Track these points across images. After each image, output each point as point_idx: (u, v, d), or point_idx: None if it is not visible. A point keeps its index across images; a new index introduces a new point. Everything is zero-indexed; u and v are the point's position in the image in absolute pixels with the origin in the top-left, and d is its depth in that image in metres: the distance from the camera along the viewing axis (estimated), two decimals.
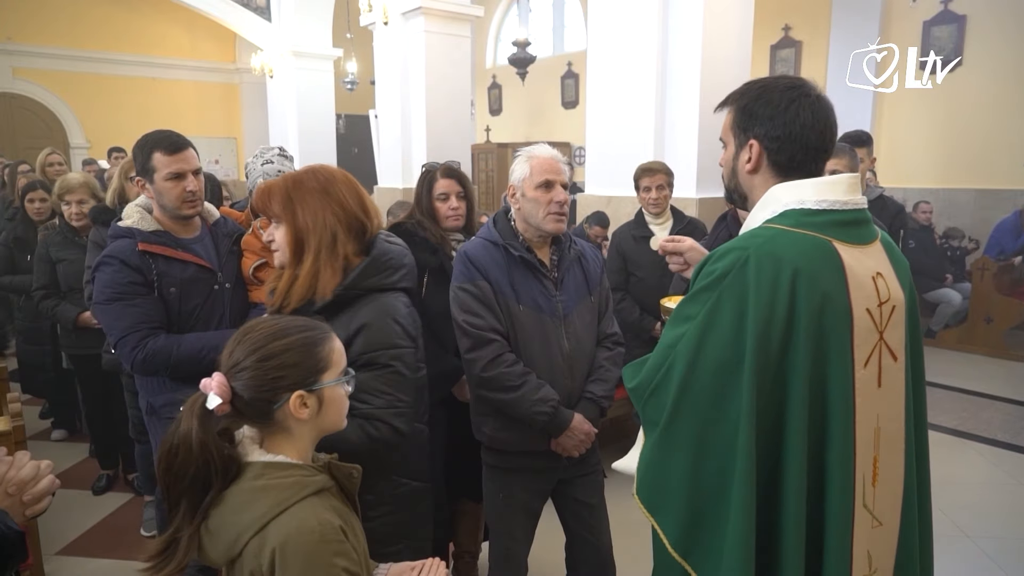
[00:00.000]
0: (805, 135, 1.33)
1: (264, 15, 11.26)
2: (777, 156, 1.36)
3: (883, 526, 1.37)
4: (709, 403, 1.30)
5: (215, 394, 1.20)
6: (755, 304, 1.25)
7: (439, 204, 2.59)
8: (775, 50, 9.64)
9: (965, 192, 8.09)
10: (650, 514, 1.39)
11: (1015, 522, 3.55)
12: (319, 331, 1.31)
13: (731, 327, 1.27)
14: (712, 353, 1.29)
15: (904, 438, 1.37)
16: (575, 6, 12.61)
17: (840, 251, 1.29)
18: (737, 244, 1.32)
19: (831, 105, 1.37)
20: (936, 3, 8.04)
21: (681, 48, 4.83)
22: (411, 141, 8.46)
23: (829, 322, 1.27)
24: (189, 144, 2.26)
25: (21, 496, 1.13)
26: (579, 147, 12.12)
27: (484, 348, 2.10)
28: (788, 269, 1.24)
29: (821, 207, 1.31)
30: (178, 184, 2.22)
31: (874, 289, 1.31)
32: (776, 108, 1.34)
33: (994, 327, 6.63)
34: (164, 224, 2.30)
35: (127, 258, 2.19)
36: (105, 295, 2.18)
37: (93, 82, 12.54)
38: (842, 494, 1.29)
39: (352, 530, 1.27)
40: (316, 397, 1.27)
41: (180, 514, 1.20)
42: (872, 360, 1.32)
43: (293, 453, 1.28)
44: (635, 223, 3.82)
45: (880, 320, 1.32)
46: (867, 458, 1.33)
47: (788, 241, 1.28)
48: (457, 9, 8.18)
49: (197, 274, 2.30)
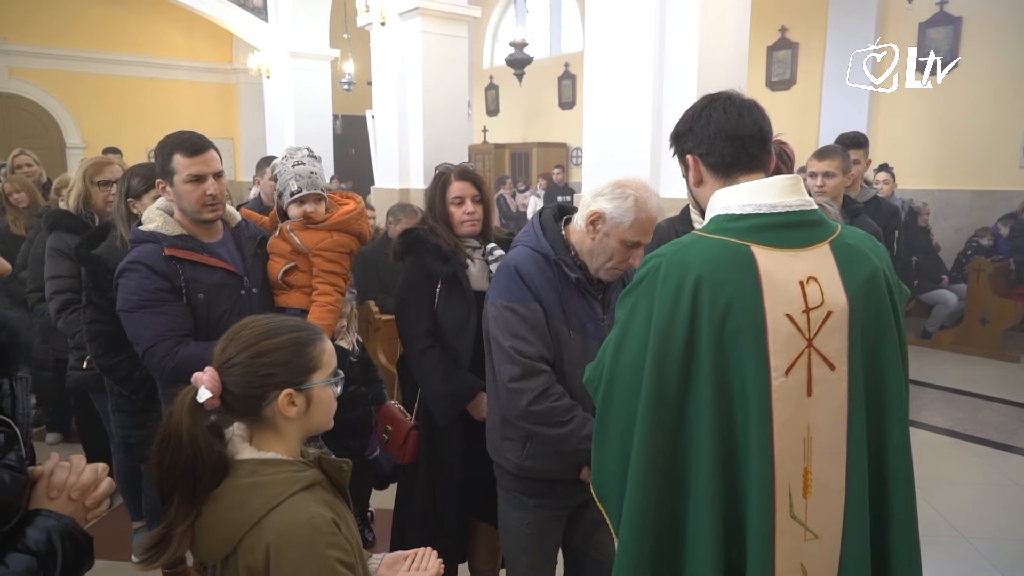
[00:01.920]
0: (722, 129, 1.38)
1: (261, 15, 11.25)
2: (708, 159, 1.41)
3: (819, 539, 1.32)
4: (627, 403, 1.34)
5: (205, 388, 1.22)
6: (658, 309, 1.29)
7: (453, 208, 2.41)
8: (772, 51, 9.66)
9: (961, 193, 8.12)
10: (600, 503, 1.46)
11: (1011, 523, 3.56)
12: (311, 332, 1.34)
13: (641, 330, 1.32)
14: (627, 355, 1.35)
15: (847, 450, 1.31)
16: (572, 7, 12.62)
17: (757, 255, 1.28)
18: (658, 251, 1.37)
19: (750, 102, 1.41)
20: (932, 5, 8.06)
21: (678, 49, 4.83)
22: (408, 142, 8.46)
23: (735, 328, 1.25)
24: (211, 146, 2.18)
25: (84, 501, 1.14)
26: (576, 148, 12.14)
27: (533, 379, 1.91)
28: (692, 275, 1.27)
29: (745, 211, 1.32)
30: (198, 187, 2.13)
31: (799, 294, 1.27)
32: (693, 120, 1.43)
33: (990, 328, 6.64)
34: (186, 228, 2.21)
35: (153, 264, 2.10)
36: (131, 302, 2.08)
37: (90, 82, 12.52)
38: (761, 501, 1.27)
39: (344, 522, 1.29)
40: (304, 396, 1.29)
41: (173, 507, 1.22)
42: (798, 367, 1.27)
43: (281, 450, 1.30)
44: (680, 218, 3.76)
45: (807, 327, 1.28)
46: (795, 468, 1.29)
47: (700, 248, 1.31)
48: (454, 10, 8.18)
49: (224, 279, 2.21)
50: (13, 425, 1.09)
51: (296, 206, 2.40)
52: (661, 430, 1.29)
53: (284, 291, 2.40)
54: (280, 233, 2.44)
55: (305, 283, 2.40)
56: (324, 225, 2.41)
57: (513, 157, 13.25)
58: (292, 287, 2.40)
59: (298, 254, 2.39)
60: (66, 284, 2.97)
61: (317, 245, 2.38)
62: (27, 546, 1.03)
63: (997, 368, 6.29)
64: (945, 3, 8.03)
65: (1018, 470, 4.19)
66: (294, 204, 2.40)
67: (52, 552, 1.05)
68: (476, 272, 2.39)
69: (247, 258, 2.32)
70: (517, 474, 2.09)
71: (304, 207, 2.39)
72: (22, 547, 1.03)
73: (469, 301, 2.34)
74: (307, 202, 2.40)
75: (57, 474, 1.13)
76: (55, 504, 1.11)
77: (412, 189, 8.44)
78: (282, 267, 2.39)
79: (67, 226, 2.99)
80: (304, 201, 2.39)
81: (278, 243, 2.42)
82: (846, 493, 1.32)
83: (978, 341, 6.61)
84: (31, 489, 1.11)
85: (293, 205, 2.41)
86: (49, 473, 1.13)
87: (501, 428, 2.09)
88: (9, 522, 1.04)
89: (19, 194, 4.26)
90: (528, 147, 13.04)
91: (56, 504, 1.11)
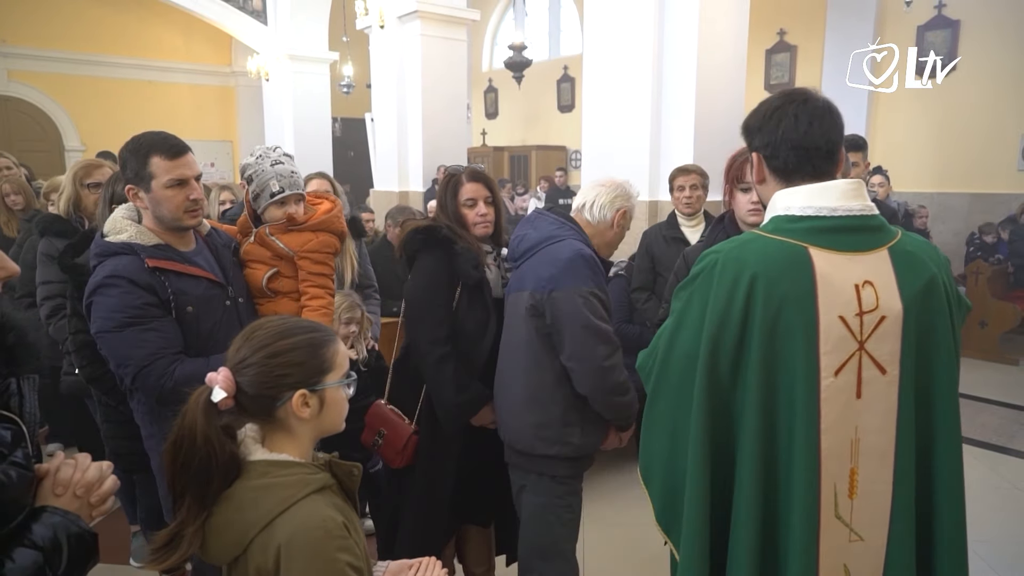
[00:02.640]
0: (789, 137, 1.37)
1: (260, 18, 11.27)
2: (773, 162, 1.41)
3: (864, 542, 1.33)
4: (678, 389, 1.41)
5: (220, 388, 1.22)
6: (714, 301, 1.34)
7: (466, 211, 2.34)
8: (770, 54, 9.68)
9: (960, 196, 8.13)
10: (645, 485, 1.51)
11: (1011, 526, 3.55)
12: (324, 333, 1.35)
13: (696, 321, 1.38)
14: (681, 344, 1.41)
15: (896, 453, 1.33)
16: (571, 10, 12.64)
17: (814, 256, 1.30)
18: (716, 248, 1.42)
19: (823, 108, 1.38)
20: (930, 8, 8.08)
21: (677, 52, 4.84)
22: (407, 144, 8.47)
23: (787, 325, 1.29)
24: (189, 147, 2.05)
25: (89, 498, 1.15)
26: (575, 150, 12.15)
27: (617, 355, 2.12)
28: (748, 272, 1.31)
29: (805, 213, 1.34)
30: (180, 191, 1.98)
31: (854, 297, 1.29)
32: (763, 119, 1.42)
33: (989, 331, 6.65)
34: (161, 237, 2.04)
35: (136, 277, 1.92)
36: (115, 321, 1.91)
37: (89, 85, 12.54)
38: (804, 499, 1.28)
39: (354, 526, 1.29)
40: (318, 397, 1.29)
41: (185, 507, 1.22)
42: (848, 369, 1.30)
43: (294, 452, 1.30)
44: (667, 224, 3.78)
45: (860, 330, 1.30)
46: (841, 468, 1.30)
47: (757, 246, 1.34)
48: (453, 13, 8.20)
49: (209, 290, 2.07)
50: (20, 423, 1.10)
51: (276, 208, 2.27)
52: (713, 416, 1.35)
53: (270, 299, 2.29)
54: (258, 238, 2.29)
55: (291, 288, 2.30)
56: (307, 226, 2.31)
57: (512, 160, 13.26)
58: (278, 294, 2.29)
59: (280, 259, 2.28)
60: (56, 289, 2.91)
61: (303, 247, 2.28)
62: (33, 542, 1.04)
63: (996, 371, 6.29)
64: (943, 6, 8.05)
65: (1017, 473, 4.19)
66: (274, 206, 2.27)
67: (58, 548, 1.06)
68: (492, 278, 2.35)
69: (227, 267, 2.19)
70: (576, 456, 2.19)
71: (287, 208, 2.27)
72: (28, 543, 1.03)
73: (489, 309, 2.31)
74: (288, 203, 2.27)
75: (63, 471, 1.14)
76: (60, 501, 1.11)
77: (411, 192, 8.44)
78: (265, 273, 2.26)
79: (57, 230, 2.93)
80: (285, 202, 2.27)
81: (256, 249, 2.29)
82: (893, 496, 1.34)
83: (977, 344, 6.61)
84: (37, 486, 1.12)
85: (273, 207, 2.27)
86: (55, 470, 1.14)
87: (563, 416, 2.15)
88: (15, 518, 1.05)
89: (16, 196, 4.17)
90: (527, 150, 13.06)
91: (61, 501, 1.11)
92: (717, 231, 2.33)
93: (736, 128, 5.10)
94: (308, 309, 2.26)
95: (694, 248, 2.53)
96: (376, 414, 2.44)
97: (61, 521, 1.08)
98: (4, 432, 1.05)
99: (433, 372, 2.29)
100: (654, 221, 4.77)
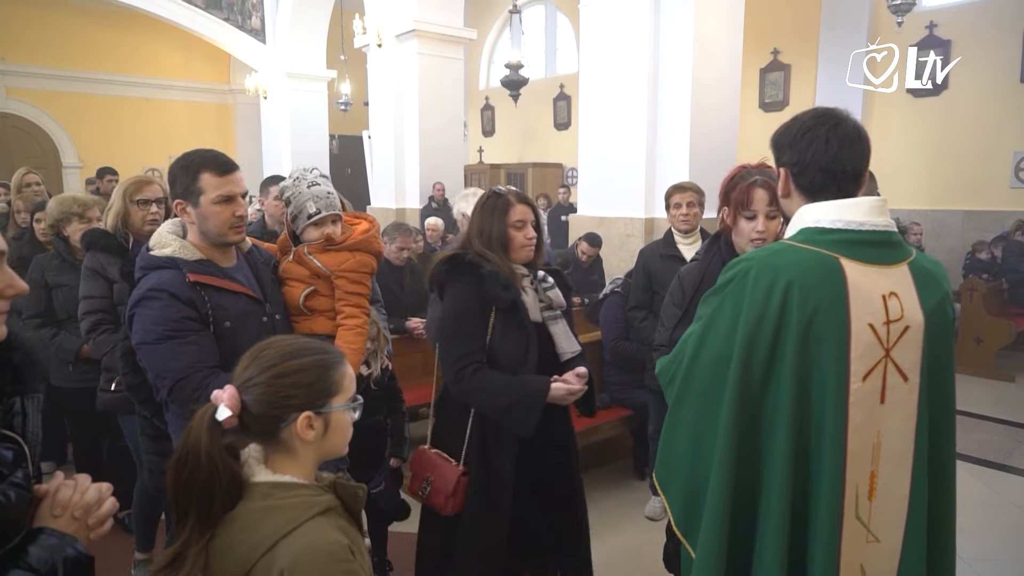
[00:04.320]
0: (818, 160, 1.42)
1: (259, 37, 11.34)
2: (800, 180, 1.47)
3: (881, 543, 1.38)
4: (705, 393, 1.44)
5: (225, 406, 1.21)
6: (749, 306, 1.38)
7: (514, 232, 2.23)
8: (764, 73, 9.77)
9: (954, 213, 8.19)
10: (662, 491, 1.54)
11: (1008, 543, 3.54)
12: (333, 355, 1.34)
13: (728, 326, 1.41)
14: (711, 348, 1.44)
15: (914, 459, 1.39)
16: (567, 29, 12.76)
17: (846, 267, 1.35)
18: (748, 256, 1.46)
19: (853, 133, 1.43)
20: (921, 28, 8.18)
21: (672, 71, 4.89)
22: (404, 162, 8.50)
23: (820, 330, 1.34)
24: (237, 166, 2.09)
25: (87, 520, 1.14)
26: (571, 168, 12.21)
27: None
28: (783, 278, 1.35)
29: (835, 226, 1.39)
30: (227, 208, 2.02)
31: (882, 307, 1.35)
32: (794, 137, 1.47)
33: (984, 347, 6.66)
34: (204, 252, 2.07)
35: (177, 291, 1.96)
36: (155, 333, 1.94)
37: (87, 102, 12.59)
38: (830, 499, 1.33)
39: (358, 549, 1.28)
40: (323, 420, 1.28)
41: (188, 527, 1.21)
42: (874, 375, 1.35)
43: (297, 473, 1.29)
44: (663, 242, 3.79)
45: (887, 338, 1.36)
46: (862, 470, 1.35)
47: (792, 255, 1.39)
48: (450, 32, 8.27)
49: (247, 306, 2.10)
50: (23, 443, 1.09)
51: (314, 228, 2.30)
52: (744, 418, 1.38)
53: (306, 317, 2.29)
54: (296, 257, 2.33)
55: (328, 307, 2.31)
56: (345, 245, 2.33)
57: (509, 177, 13.30)
58: (314, 312, 2.30)
59: (318, 278, 2.30)
60: (98, 304, 2.91)
61: (340, 267, 2.30)
62: (29, 564, 1.03)
63: (992, 388, 6.30)
64: (935, 27, 8.15)
65: (1014, 490, 4.19)
66: (311, 227, 2.30)
67: (53, 571, 1.05)
68: (530, 302, 2.25)
69: (265, 284, 2.21)
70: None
71: (324, 229, 2.30)
72: (24, 565, 1.03)
73: (528, 333, 2.19)
74: (326, 223, 2.31)
75: (61, 492, 1.13)
76: (58, 523, 1.10)
77: (408, 208, 8.47)
78: (303, 292, 2.28)
79: (103, 246, 2.89)
80: (322, 223, 2.30)
81: (294, 268, 2.32)
82: (910, 499, 1.40)
83: (973, 361, 6.62)
84: (36, 507, 1.11)
85: (311, 227, 2.30)
86: (54, 491, 1.13)
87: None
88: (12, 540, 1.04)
89: (27, 214, 4.10)
90: (524, 167, 13.11)
91: (59, 523, 1.10)
92: (712, 251, 2.33)
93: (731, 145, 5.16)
94: (344, 328, 2.27)
95: (688, 268, 2.53)
96: (420, 459, 2.32)
97: (58, 544, 1.07)
98: (6, 452, 1.05)
99: (470, 387, 2.13)
100: (650, 239, 4.80)
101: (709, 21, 4.81)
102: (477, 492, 2.19)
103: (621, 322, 4.00)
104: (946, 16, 8.16)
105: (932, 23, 8.18)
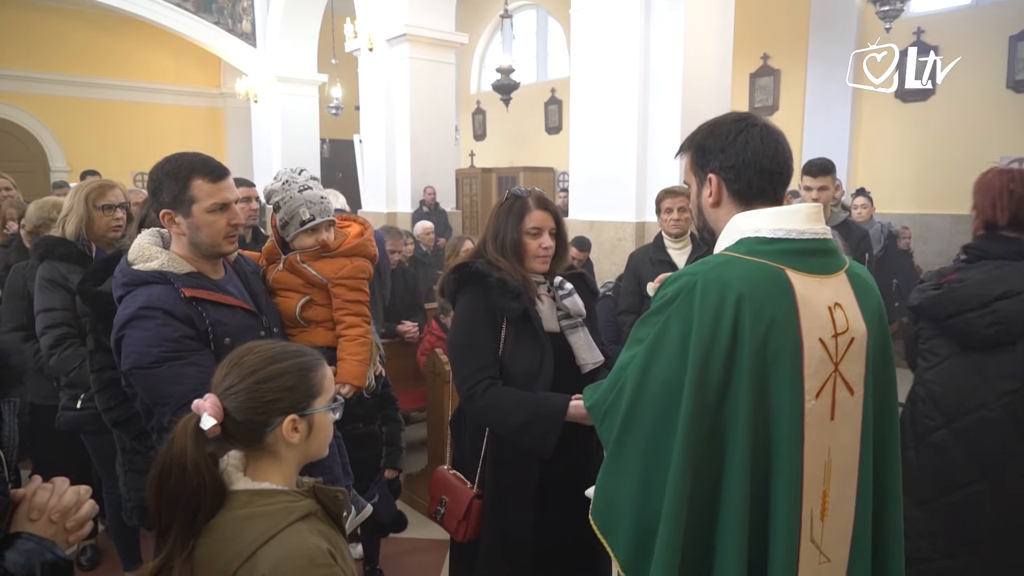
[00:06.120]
0: (757, 160, 1.35)
1: (249, 41, 11.32)
2: (735, 185, 1.38)
3: (831, 562, 1.33)
4: (654, 425, 1.30)
5: (208, 415, 1.20)
6: (698, 327, 1.26)
7: (528, 240, 2.08)
8: (754, 78, 9.82)
9: (942, 217, 8.24)
10: (603, 536, 1.39)
11: None
12: (312, 357, 1.34)
13: (676, 350, 1.28)
14: (658, 375, 1.30)
15: (859, 473, 1.34)
16: (558, 33, 12.79)
17: (793, 279, 1.28)
18: (688, 270, 1.35)
19: (780, 132, 1.40)
20: (909, 34, 8.24)
21: (662, 75, 4.91)
22: (395, 166, 8.50)
23: (775, 349, 1.26)
24: (228, 170, 1.93)
25: (64, 523, 1.13)
26: (563, 172, 12.22)
27: None
28: (733, 294, 1.26)
29: (776, 235, 1.31)
30: (222, 216, 1.85)
31: (829, 319, 1.29)
32: (726, 140, 1.38)
33: None
34: (193, 264, 1.89)
35: (172, 308, 1.78)
36: (152, 356, 1.74)
37: (75, 106, 12.51)
38: (788, 527, 1.27)
39: (340, 553, 1.27)
40: (307, 422, 1.29)
41: (171, 540, 1.20)
42: (825, 391, 1.29)
43: (278, 478, 1.29)
44: (654, 246, 3.78)
45: (835, 351, 1.30)
46: (816, 492, 1.30)
47: (738, 268, 1.29)
48: (442, 36, 8.28)
49: (245, 320, 1.94)
50: None
51: (307, 235, 2.18)
52: (698, 448, 1.27)
53: (303, 329, 2.17)
54: (288, 265, 2.18)
55: (325, 317, 2.19)
56: (340, 252, 2.21)
57: (500, 181, 13.30)
58: (311, 323, 2.18)
59: (313, 287, 2.18)
60: (60, 317, 2.67)
61: (337, 274, 2.17)
62: (6, 569, 1.02)
63: None
64: (922, 32, 8.22)
65: None
66: (304, 234, 2.17)
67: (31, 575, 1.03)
68: (546, 311, 2.11)
69: (258, 295, 2.06)
70: None
71: (317, 235, 2.19)
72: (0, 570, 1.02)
73: (542, 343, 2.04)
74: (320, 230, 2.18)
75: (38, 495, 1.12)
76: (35, 526, 1.09)
77: (399, 212, 8.46)
78: (298, 302, 2.15)
79: (61, 254, 2.71)
80: (316, 229, 2.18)
81: (286, 277, 2.18)
82: (855, 515, 1.35)
83: None
84: (13, 511, 1.09)
85: (303, 235, 2.18)
86: (31, 494, 1.12)
87: None
88: None
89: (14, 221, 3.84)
90: (515, 171, 13.10)
91: (36, 526, 1.09)
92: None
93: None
94: (346, 339, 2.17)
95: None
96: (438, 480, 2.20)
97: (35, 548, 1.06)
98: None
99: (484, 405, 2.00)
100: (641, 243, 4.80)
101: (699, 26, 4.84)
102: (493, 519, 2.05)
103: (612, 325, 4.01)
104: (933, 22, 8.23)
105: (919, 29, 8.24)
